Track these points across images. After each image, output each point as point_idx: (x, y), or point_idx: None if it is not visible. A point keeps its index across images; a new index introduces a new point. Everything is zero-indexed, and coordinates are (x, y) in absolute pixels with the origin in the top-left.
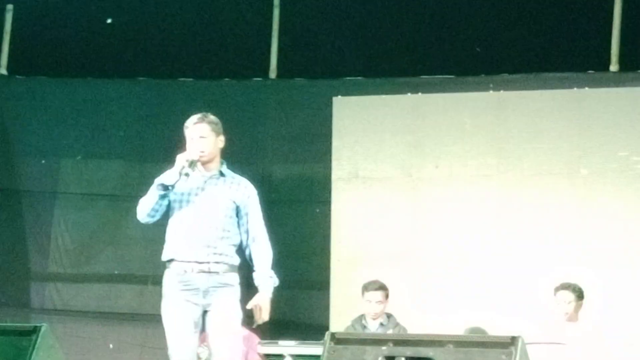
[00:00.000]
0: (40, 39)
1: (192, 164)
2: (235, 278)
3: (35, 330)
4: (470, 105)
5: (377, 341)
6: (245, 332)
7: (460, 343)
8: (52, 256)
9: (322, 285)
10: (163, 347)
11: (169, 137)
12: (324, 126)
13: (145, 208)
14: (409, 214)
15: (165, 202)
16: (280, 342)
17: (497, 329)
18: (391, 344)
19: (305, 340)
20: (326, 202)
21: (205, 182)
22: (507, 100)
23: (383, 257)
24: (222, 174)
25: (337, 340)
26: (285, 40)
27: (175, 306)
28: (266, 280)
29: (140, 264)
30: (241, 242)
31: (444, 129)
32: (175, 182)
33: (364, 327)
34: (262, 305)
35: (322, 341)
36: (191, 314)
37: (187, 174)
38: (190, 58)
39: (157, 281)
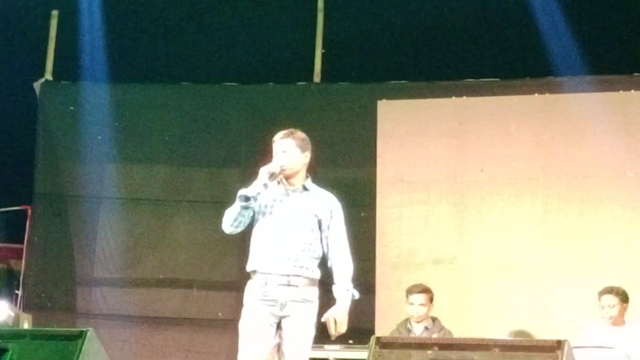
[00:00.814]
0: (84, 45)
1: (272, 176)
2: (314, 293)
3: (81, 335)
4: (515, 109)
5: (422, 345)
6: None
7: (505, 347)
8: (97, 261)
9: (367, 289)
10: (208, 352)
11: (213, 141)
12: (369, 130)
13: (229, 219)
14: (453, 217)
15: (249, 213)
16: (326, 347)
17: (542, 333)
18: (436, 348)
19: (350, 344)
20: (371, 206)
21: (289, 195)
22: (553, 103)
23: (428, 261)
24: (305, 189)
25: (383, 344)
26: (329, 44)
27: (252, 317)
28: (344, 293)
29: (185, 269)
30: (323, 255)
31: (489, 133)
32: (257, 194)
33: (409, 330)
34: (337, 317)
35: (367, 345)
36: (267, 325)
37: (265, 185)
38: (234, 62)
39: (202, 286)
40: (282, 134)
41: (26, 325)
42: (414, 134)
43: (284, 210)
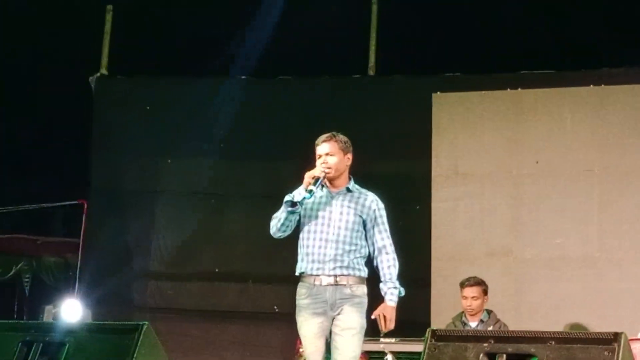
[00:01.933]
0: (139, 39)
1: (317, 181)
2: (362, 289)
3: (137, 329)
4: (570, 100)
5: (478, 338)
6: None
7: (562, 340)
8: (153, 255)
9: (423, 282)
10: (263, 345)
11: (268, 135)
12: (423, 123)
13: (277, 224)
14: (509, 210)
15: (295, 217)
16: (382, 340)
17: (599, 326)
18: (492, 341)
19: (406, 337)
20: (426, 199)
21: (333, 198)
22: (608, 94)
23: (483, 254)
24: (349, 190)
25: (438, 337)
26: (383, 37)
27: (306, 319)
28: (391, 290)
29: (241, 262)
30: (369, 253)
31: (544, 125)
32: (303, 199)
33: (464, 324)
34: (387, 314)
35: (423, 338)
36: (320, 324)
37: (311, 191)
38: (289, 56)
39: (258, 279)
40: (324, 137)
41: (86, 319)
42: (468, 126)
43: (329, 213)
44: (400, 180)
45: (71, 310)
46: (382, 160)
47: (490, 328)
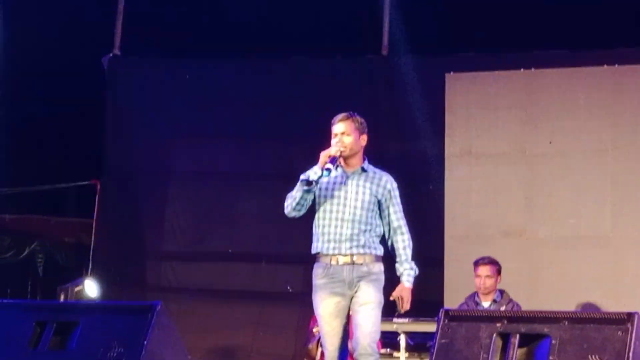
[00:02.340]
0: (152, 19)
1: (333, 160)
2: (378, 267)
3: (150, 308)
4: (584, 80)
5: (491, 318)
6: None
7: (575, 320)
8: (166, 235)
9: (435, 262)
10: (277, 325)
11: (282, 115)
12: (437, 103)
13: (292, 204)
14: (522, 190)
15: (310, 197)
16: (394, 319)
17: (612, 306)
18: (505, 321)
19: (419, 317)
20: (439, 179)
21: (348, 177)
22: (622, 74)
23: (497, 234)
24: (364, 170)
25: (451, 317)
26: (396, 16)
27: (323, 299)
28: (407, 271)
29: (254, 242)
30: (383, 233)
31: (558, 105)
32: (319, 178)
33: (477, 303)
34: (404, 295)
35: (436, 318)
36: (337, 304)
37: (328, 170)
38: (302, 36)
39: (271, 259)
40: (341, 117)
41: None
42: (482, 106)
43: (344, 192)
44: (414, 160)
45: (89, 290)
46: (396, 140)
47: (503, 308)
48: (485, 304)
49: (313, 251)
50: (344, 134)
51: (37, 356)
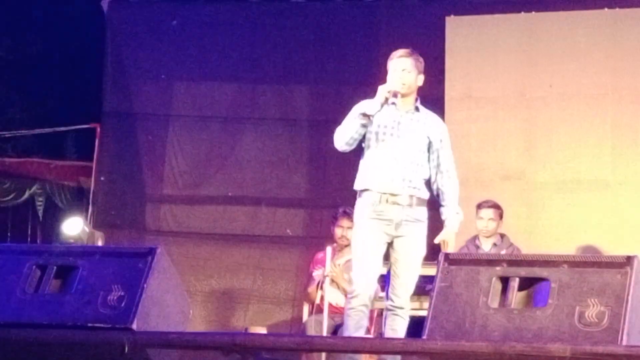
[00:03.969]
0: None
1: (394, 94)
2: (425, 213)
3: (150, 252)
4: (584, 23)
5: (491, 262)
6: None
7: (574, 263)
8: (166, 178)
9: (436, 205)
10: (277, 269)
11: (281, 59)
12: (437, 46)
13: (345, 137)
14: (522, 133)
15: (363, 131)
16: None
17: (611, 249)
18: (505, 264)
19: None
20: None
21: (402, 116)
22: (623, 17)
23: (496, 178)
24: (417, 109)
25: (451, 260)
26: None
27: (367, 234)
28: (453, 215)
29: (254, 186)
30: (430, 176)
31: (558, 48)
32: (376, 112)
33: (478, 247)
34: (449, 240)
35: (435, 262)
36: (380, 242)
37: (394, 103)
38: None
39: (271, 203)
40: (402, 52)
41: (100, 243)
42: (482, 49)
43: (399, 131)
44: None
45: (71, 227)
46: None
47: (504, 252)
48: (486, 247)
49: (360, 187)
50: (405, 70)
51: (38, 299)
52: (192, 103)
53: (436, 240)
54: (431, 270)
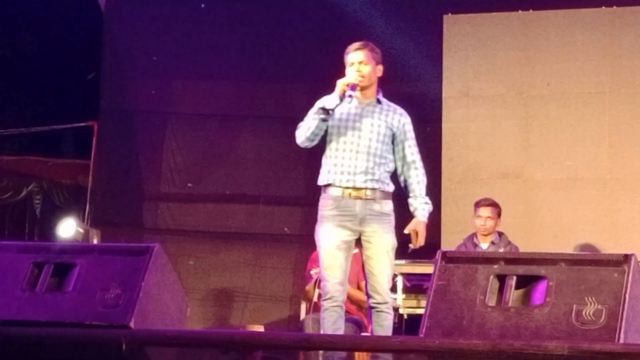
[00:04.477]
0: None
1: (351, 88)
2: (390, 206)
3: (148, 250)
4: (582, 22)
5: (488, 260)
6: None
7: (572, 261)
8: (164, 176)
9: (433, 203)
10: (274, 267)
11: (279, 56)
12: (435, 44)
13: (306, 132)
14: (519, 132)
15: (324, 126)
16: None
17: (609, 247)
18: (503, 263)
19: (416, 259)
20: (437, 121)
21: (363, 109)
22: (620, 15)
23: (494, 176)
24: (379, 102)
25: (449, 258)
26: None
27: (330, 230)
28: (422, 205)
29: (252, 184)
30: (396, 169)
31: (556, 46)
32: (336, 106)
33: (475, 245)
34: (419, 230)
35: (433, 260)
36: (344, 237)
37: (350, 97)
38: None
39: (268, 201)
40: (357, 45)
41: (95, 241)
42: (479, 48)
43: (359, 124)
44: (411, 102)
45: (65, 229)
46: (393, 81)
47: (502, 250)
48: (484, 245)
49: (322, 182)
50: (362, 62)
51: (35, 297)
52: (190, 101)
53: (405, 231)
54: (428, 268)
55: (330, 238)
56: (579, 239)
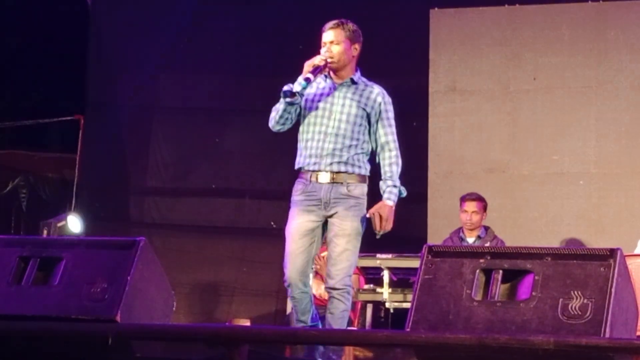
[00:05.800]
0: None
1: (316, 70)
2: (360, 189)
3: (134, 244)
4: (568, 17)
5: (474, 254)
6: None
7: (558, 256)
8: (150, 170)
9: (419, 198)
10: (261, 261)
11: (266, 50)
12: (421, 39)
13: (275, 116)
14: (506, 126)
15: (295, 109)
16: (378, 255)
17: (595, 242)
18: (489, 257)
19: (402, 253)
20: (423, 115)
21: (336, 89)
22: (606, 10)
23: (480, 170)
24: (353, 82)
25: (435, 253)
26: None
27: (295, 215)
28: (390, 188)
29: (238, 178)
30: (372, 150)
31: (542, 41)
32: (303, 89)
33: (462, 239)
34: (383, 213)
35: (419, 254)
36: (308, 223)
37: (307, 79)
38: None
39: (255, 195)
40: (331, 24)
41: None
42: (466, 42)
43: (330, 105)
44: (397, 96)
45: (72, 225)
46: (379, 76)
47: (488, 244)
48: (470, 239)
49: (296, 166)
50: (333, 42)
51: (21, 291)
52: (176, 95)
53: (368, 214)
54: (415, 262)
55: (293, 223)
56: (565, 233)
